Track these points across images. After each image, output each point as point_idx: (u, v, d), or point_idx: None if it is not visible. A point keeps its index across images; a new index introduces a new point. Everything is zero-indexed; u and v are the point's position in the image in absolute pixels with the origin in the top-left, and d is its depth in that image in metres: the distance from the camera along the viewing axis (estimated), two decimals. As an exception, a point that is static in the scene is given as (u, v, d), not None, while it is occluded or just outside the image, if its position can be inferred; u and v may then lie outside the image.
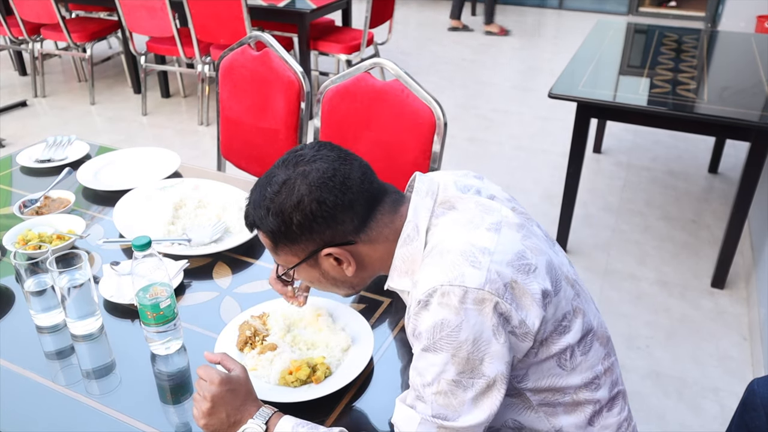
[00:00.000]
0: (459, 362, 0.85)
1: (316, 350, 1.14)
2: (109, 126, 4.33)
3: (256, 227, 0.99)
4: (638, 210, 3.26)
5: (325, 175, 0.93)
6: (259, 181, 1.00)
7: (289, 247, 0.97)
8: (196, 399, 0.98)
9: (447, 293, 0.84)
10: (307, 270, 1.00)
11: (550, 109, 4.39)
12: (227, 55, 2.16)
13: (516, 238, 0.92)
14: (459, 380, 0.86)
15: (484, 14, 6.36)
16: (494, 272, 0.86)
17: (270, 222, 0.94)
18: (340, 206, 0.93)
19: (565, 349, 0.94)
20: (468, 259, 0.86)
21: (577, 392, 0.98)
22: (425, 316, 0.86)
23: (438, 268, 0.87)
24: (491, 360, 0.85)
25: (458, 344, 0.84)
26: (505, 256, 0.88)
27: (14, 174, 1.84)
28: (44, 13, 4.32)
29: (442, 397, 0.86)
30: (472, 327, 0.84)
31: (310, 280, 1.03)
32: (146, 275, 1.10)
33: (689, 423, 2.05)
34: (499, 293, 0.85)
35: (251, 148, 2.21)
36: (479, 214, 0.94)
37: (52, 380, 1.12)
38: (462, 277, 0.84)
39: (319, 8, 4.06)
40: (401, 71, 1.76)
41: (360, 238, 0.96)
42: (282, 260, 1.01)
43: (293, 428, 0.94)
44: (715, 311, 2.54)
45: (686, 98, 2.50)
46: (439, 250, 0.90)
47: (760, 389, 1.03)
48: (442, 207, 0.96)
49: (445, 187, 1.00)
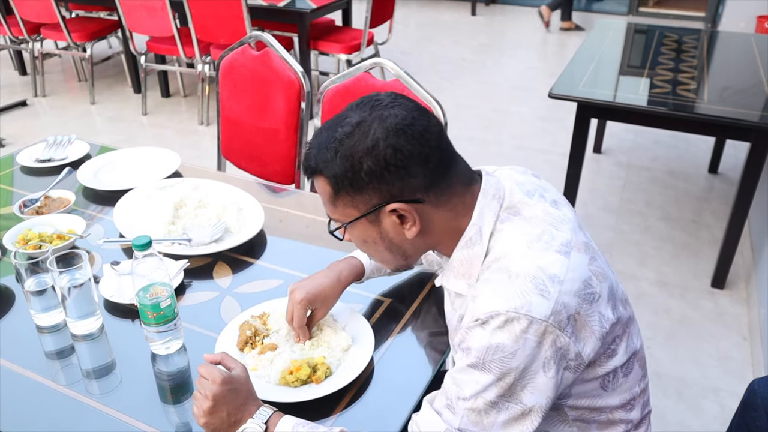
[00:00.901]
0: (502, 386, 0.83)
1: (317, 350, 1.14)
2: (109, 126, 4.32)
3: (317, 173, 0.91)
4: (638, 210, 3.26)
5: (403, 122, 0.86)
6: (326, 124, 0.92)
7: (351, 198, 0.90)
8: (196, 397, 0.97)
9: (511, 320, 0.81)
10: (364, 227, 0.93)
11: (550, 109, 4.39)
12: (227, 55, 2.16)
13: (584, 263, 0.89)
14: (496, 402, 0.84)
15: (561, 12, 6.40)
16: (561, 303, 0.83)
17: (336, 165, 0.87)
18: (415, 158, 0.86)
19: (611, 371, 0.93)
20: (537, 287, 0.83)
21: (613, 412, 0.97)
22: (480, 334, 0.84)
23: (506, 292, 0.83)
24: (533, 390, 0.84)
25: (508, 370, 0.82)
26: (573, 285, 0.85)
27: (14, 173, 1.84)
28: (44, 12, 4.32)
29: (475, 414, 0.85)
30: (526, 356, 0.82)
31: (364, 239, 0.95)
32: (147, 275, 1.10)
33: (689, 423, 2.05)
34: (562, 326, 0.83)
35: (251, 148, 2.21)
36: (549, 229, 0.90)
37: (53, 380, 1.12)
38: (529, 306, 0.81)
39: (319, 8, 4.06)
40: (401, 71, 1.76)
41: (429, 198, 0.89)
42: (339, 213, 0.93)
43: (293, 428, 0.94)
44: (715, 312, 2.54)
45: (686, 98, 2.50)
46: (505, 266, 0.86)
47: (761, 389, 1.03)
48: (507, 212, 0.92)
49: (511, 191, 0.95)
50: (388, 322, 1.25)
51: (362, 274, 1.25)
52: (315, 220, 1.63)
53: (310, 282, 1.17)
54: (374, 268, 1.26)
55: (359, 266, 1.24)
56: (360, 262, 1.25)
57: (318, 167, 0.90)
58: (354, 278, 1.23)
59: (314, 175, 0.92)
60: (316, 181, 0.92)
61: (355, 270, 1.23)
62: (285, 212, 1.67)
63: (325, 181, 0.90)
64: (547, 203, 0.95)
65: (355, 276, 1.23)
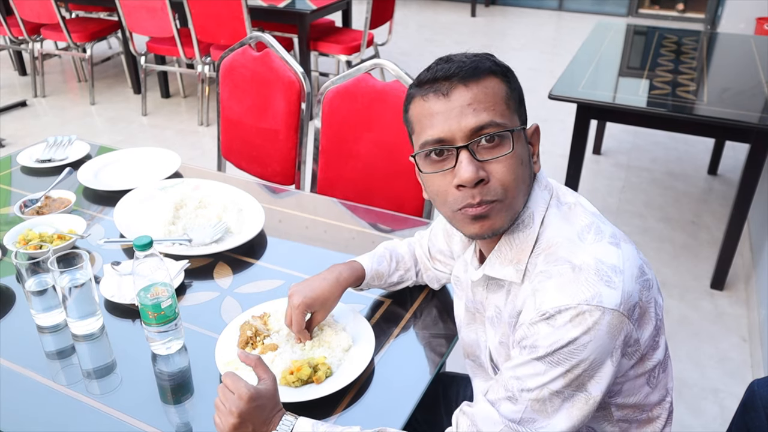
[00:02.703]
0: (570, 377, 0.83)
1: (318, 350, 1.14)
2: (109, 126, 4.32)
3: (488, 71, 0.87)
4: (638, 211, 3.26)
5: None
6: (444, 57, 0.90)
7: (517, 105, 0.90)
8: (219, 409, 0.94)
9: (583, 312, 0.81)
10: (523, 143, 0.90)
11: (550, 110, 4.39)
12: (228, 56, 2.17)
13: (633, 252, 0.89)
14: (562, 391, 0.84)
15: None
16: (627, 292, 0.83)
17: (507, 68, 0.90)
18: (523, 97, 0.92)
19: (656, 365, 0.93)
20: (603, 279, 0.82)
21: (653, 409, 0.97)
22: (547, 330, 0.82)
23: (572, 285, 0.82)
24: (599, 380, 0.84)
25: (578, 362, 0.82)
26: (632, 272, 0.85)
27: (14, 174, 1.85)
28: (44, 13, 4.32)
29: (540, 403, 0.84)
30: (596, 348, 0.82)
31: (521, 159, 0.88)
32: (147, 275, 1.10)
33: (689, 423, 2.05)
34: (630, 314, 0.83)
35: (251, 149, 2.21)
36: (595, 221, 0.90)
37: (53, 380, 1.12)
38: (600, 297, 0.81)
39: (319, 9, 4.06)
40: (402, 72, 1.76)
41: None
42: (509, 117, 0.88)
43: (312, 427, 0.94)
44: (715, 313, 2.54)
45: (686, 100, 2.51)
46: (564, 258, 0.85)
47: (761, 390, 1.03)
48: (555, 200, 0.93)
49: (556, 184, 0.97)
50: (388, 323, 1.25)
51: (362, 278, 1.23)
52: (315, 220, 1.63)
53: (308, 286, 1.16)
54: (375, 275, 1.25)
55: (360, 270, 1.22)
56: (361, 266, 1.23)
57: (491, 68, 0.88)
58: (354, 281, 1.22)
59: (484, 75, 0.87)
60: (484, 81, 0.87)
61: (356, 273, 1.21)
62: (285, 213, 1.67)
63: (500, 80, 0.88)
64: (580, 196, 0.97)
65: (355, 279, 1.22)
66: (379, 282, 1.27)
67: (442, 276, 1.26)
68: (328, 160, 1.99)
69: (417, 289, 1.34)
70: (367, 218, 1.62)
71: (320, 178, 2.02)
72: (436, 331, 1.23)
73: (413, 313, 1.28)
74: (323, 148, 1.98)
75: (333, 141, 1.96)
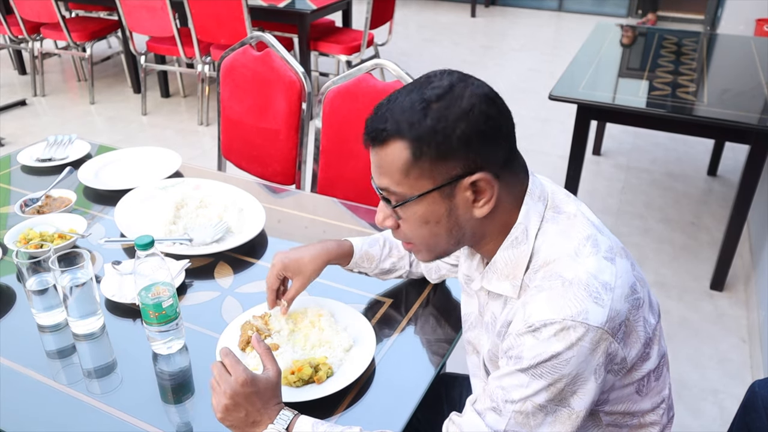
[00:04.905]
0: (553, 391, 0.83)
1: (318, 350, 1.14)
2: (109, 126, 4.32)
3: (393, 136, 0.82)
4: (637, 212, 3.26)
5: (492, 93, 0.85)
6: (403, 88, 0.85)
7: (431, 166, 0.82)
8: (215, 389, 0.94)
9: (568, 328, 0.81)
10: (433, 202, 0.85)
11: (550, 111, 4.39)
12: (228, 56, 2.17)
13: (628, 269, 0.88)
14: (545, 405, 0.84)
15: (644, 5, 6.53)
16: (614, 310, 0.83)
17: (425, 127, 0.80)
18: (501, 130, 0.84)
19: (646, 375, 0.93)
20: (591, 295, 0.82)
21: (645, 416, 0.97)
22: (532, 342, 0.83)
23: (560, 300, 0.82)
24: (582, 395, 0.84)
25: (560, 376, 0.82)
26: (623, 290, 0.85)
27: (13, 173, 1.84)
28: (44, 12, 4.32)
29: (523, 416, 0.85)
30: (579, 364, 0.82)
31: (426, 218, 0.87)
32: (149, 274, 1.10)
33: (689, 424, 2.05)
34: (614, 332, 0.83)
35: (252, 149, 2.21)
36: (594, 233, 0.89)
37: (54, 379, 1.12)
38: (585, 314, 0.81)
39: (319, 9, 4.06)
40: (402, 72, 1.76)
41: (503, 175, 0.86)
42: (407, 185, 0.84)
43: (312, 427, 0.94)
44: (714, 314, 2.55)
45: (686, 101, 2.51)
46: (556, 273, 0.85)
47: (761, 391, 1.03)
48: (551, 211, 0.91)
49: (553, 191, 0.94)
50: (389, 323, 1.25)
51: (350, 256, 1.24)
52: (315, 220, 1.63)
53: (293, 251, 1.19)
54: (364, 255, 1.25)
55: (348, 247, 1.24)
56: (350, 243, 1.25)
57: (398, 129, 0.82)
58: (340, 257, 1.23)
59: (387, 139, 0.83)
60: (386, 147, 0.84)
61: (343, 249, 1.23)
62: (285, 212, 1.67)
63: (404, 145, 0.82)
64: (581, 203, 0.95)
65: (342, 255, 1.23)
66: (370, 265, 1.27)
67: (443, 266, 1.26)
68: (329, 160, 1.99)
69: (417, 289, 1.34)
70: (367, 218, 1.62)
71: (321, 177, 2.02)
72: (437, 331, 1.23)
73: (414, 313, 1.28)
74: (324, 148, 1.99)
75: (333, 141, 1.96)
